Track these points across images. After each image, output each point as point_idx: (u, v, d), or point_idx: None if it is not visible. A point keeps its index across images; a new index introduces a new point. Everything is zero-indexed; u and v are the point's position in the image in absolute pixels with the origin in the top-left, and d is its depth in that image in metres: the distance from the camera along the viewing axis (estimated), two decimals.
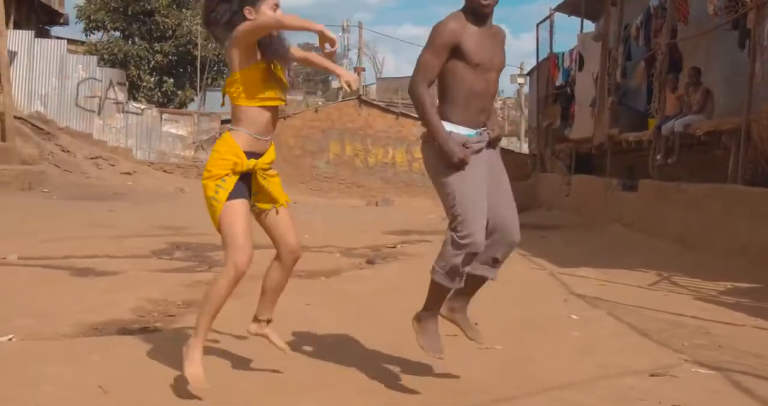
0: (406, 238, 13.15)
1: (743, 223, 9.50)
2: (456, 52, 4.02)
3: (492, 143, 4.20)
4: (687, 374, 4.62)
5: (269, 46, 4.08)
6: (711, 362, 4.88)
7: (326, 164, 24.29)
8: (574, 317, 6.44)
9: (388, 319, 5.97)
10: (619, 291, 7.81)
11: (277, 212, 4.28)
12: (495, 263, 4.26)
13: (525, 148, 29.19)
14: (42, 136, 22.09)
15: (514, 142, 42.28)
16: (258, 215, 4.30)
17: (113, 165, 22.61)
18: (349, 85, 4.25)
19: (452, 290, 4.20)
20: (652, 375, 4.55)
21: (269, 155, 4.26)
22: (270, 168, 4.28)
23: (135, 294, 7.02)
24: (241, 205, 4.07)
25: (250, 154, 4.12)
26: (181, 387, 4.06)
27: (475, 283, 4.35)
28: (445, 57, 4.03)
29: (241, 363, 4.64)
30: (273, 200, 4.26)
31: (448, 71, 4.07)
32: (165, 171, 23.78)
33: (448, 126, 4.04)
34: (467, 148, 4.01)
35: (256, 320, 4.51)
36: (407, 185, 24.07)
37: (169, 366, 4.49)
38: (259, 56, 4.09)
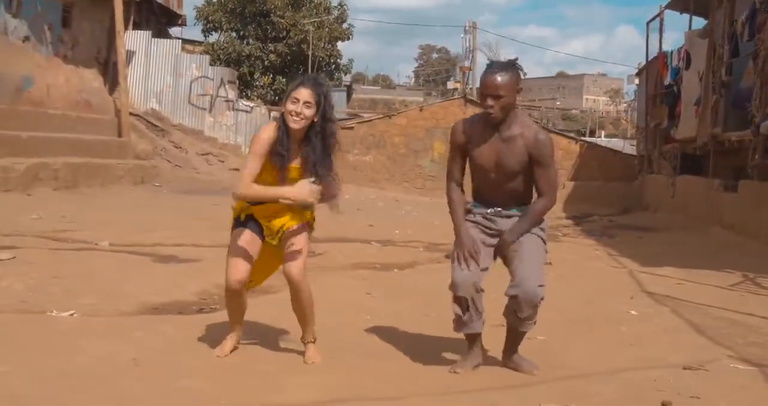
0: None
1: None
2: (466, 151, 4.41)
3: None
4: (723, 369, 4.50)
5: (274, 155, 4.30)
6: (756, 360, 4.73)
7: (430, 163, 24.30)
8: (634, 312, 6.32)
9: (444, 312, 5.98)
10: (694, 290, 7.60)
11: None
12: (518, 316, 4.33)
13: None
14: (156, 133, 22.94)
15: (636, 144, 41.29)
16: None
17: (222, 161, 23.27)
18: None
19: (472, 333, 4.39)
20: (685, 369, 4.44)
21: (280, 212, 4.38)
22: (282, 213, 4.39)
23: (205, 279, 7.24)
24: (242, 232, 4.38)
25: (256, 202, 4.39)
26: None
27: (509, 334, 4.50)
28: (460, 156, 4.44)
29: (268, 346, 4.80)
30: (278, 229, 4.40)
31: (469, 161, 4.45)
32: None
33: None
34: (473, 213, 4.43)
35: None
36: None
37: (207, 345, 4.67)
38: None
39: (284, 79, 30.51)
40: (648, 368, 4.45)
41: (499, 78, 4.15)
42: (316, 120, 4.27)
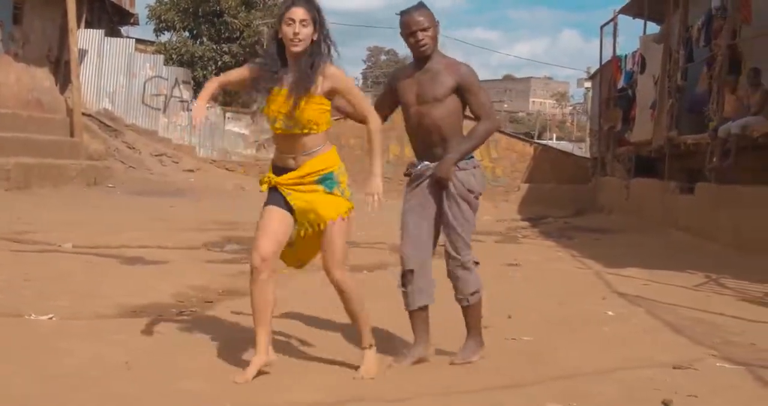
0: None
1: None
2: (395, 94, 4.64)
3: (436, 181, 4.52)
4: (711, 368, 4.58)
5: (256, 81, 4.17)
6: (739, 358, 4.82)
7: (386, 165, 24.16)
8: (610, 313, 6.40)
9: (401, 315, 5.91)
10: (662, 291, 7.72)
11: (313, 231, 4.15)
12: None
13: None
14: (109, 133, 22.62)
15: (583, 147, 41.91)
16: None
17: (176, 162, 23.02)
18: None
19: (412, 312, 4.67)
20: (675, 368, 4.51)
21: (302, 169, 4.14)
22: (304, 182, 4.14)
23: (178, 281, 7.19)
24: (268, 210, 4.15)
25: (281, 169, 4.19)
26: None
27: None
28: (388, 96, 4.70)
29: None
30: (305, 217, 4.14)
31: (401, 107, 4.66)
32: (227, 169, 24.07)
33: None
34: (410, 174, 4.64)
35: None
36: None
37: (199, 347, 4.63)
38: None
39: None
40: (639, 368, 4.52)
41: (419, 13, 4.44)
42: (315, 38, 4.06)
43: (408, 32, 4.43)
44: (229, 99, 29.47)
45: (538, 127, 66.42)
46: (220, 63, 29.80)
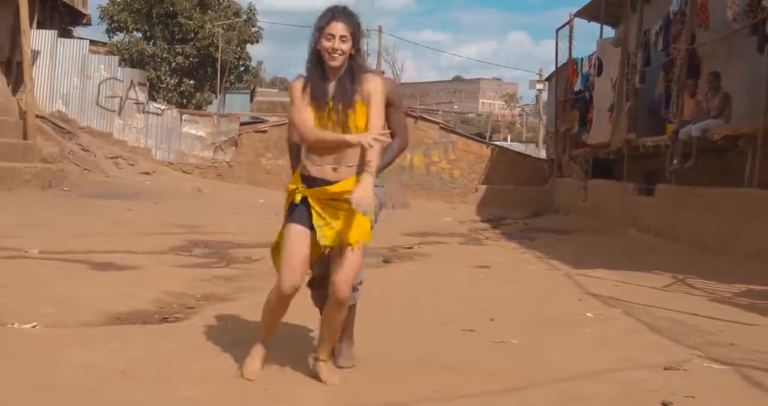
0: (422, 239, 13.24)
1: (759, 226, 9.53)
2: None
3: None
4: (700, 368, 4.69)
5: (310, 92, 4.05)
6: (723, 358, 4.95)
7: None
8: (589, 315, 6.50)
9: (384, 319, 5.93)
10: (633, 292, 7.85)
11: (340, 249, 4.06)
12: None
13: (543, 155, 29.12)
14: (63, 135, 22.20)
15: (533, 148, 42.35)
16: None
17: (132, 164, 22.71)
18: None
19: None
20: (666, 369, 4.61)
21: (340, 185, 4.00)
22: (340, 198, 3.99)
23: (155, 287, 7.13)
24: (294, 229, 4.04)
25: (313, 180, 4.03)
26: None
27: None
28: None
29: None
30: (332, 233, 4.03)
31: None
32: (184, 171, 23.87)
33: None
34: None
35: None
36: (424, 189, 24.02)
37: (187, 354, 4.60)
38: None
39: (192, 82, 30.09)
40: (631, 369, 4.61)
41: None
42: (352, 53, 4.01)
43: None
44: (183, 102, 29.26)
45: (490, 129, 66.88)
46: (173, 64, 29.59)
